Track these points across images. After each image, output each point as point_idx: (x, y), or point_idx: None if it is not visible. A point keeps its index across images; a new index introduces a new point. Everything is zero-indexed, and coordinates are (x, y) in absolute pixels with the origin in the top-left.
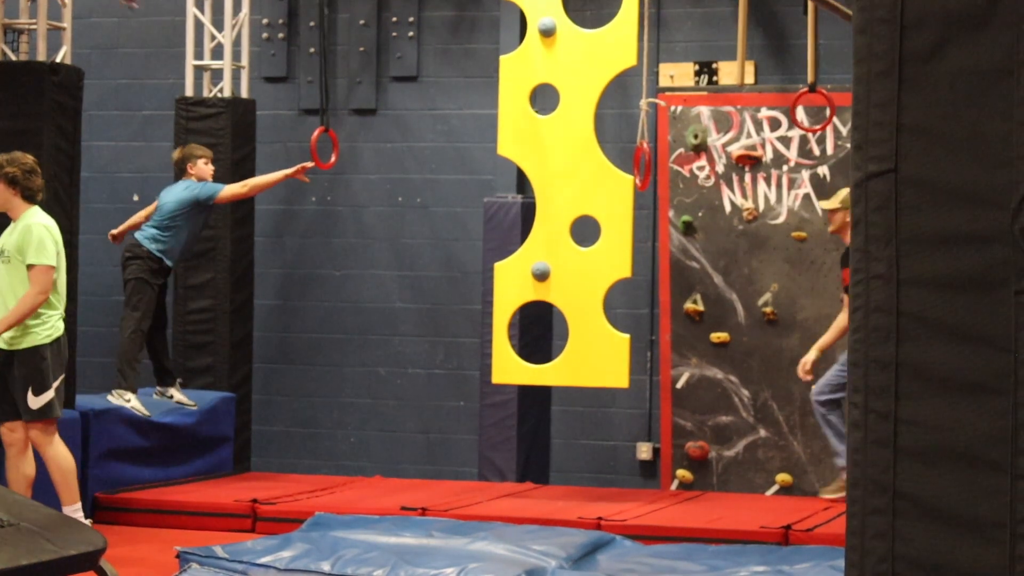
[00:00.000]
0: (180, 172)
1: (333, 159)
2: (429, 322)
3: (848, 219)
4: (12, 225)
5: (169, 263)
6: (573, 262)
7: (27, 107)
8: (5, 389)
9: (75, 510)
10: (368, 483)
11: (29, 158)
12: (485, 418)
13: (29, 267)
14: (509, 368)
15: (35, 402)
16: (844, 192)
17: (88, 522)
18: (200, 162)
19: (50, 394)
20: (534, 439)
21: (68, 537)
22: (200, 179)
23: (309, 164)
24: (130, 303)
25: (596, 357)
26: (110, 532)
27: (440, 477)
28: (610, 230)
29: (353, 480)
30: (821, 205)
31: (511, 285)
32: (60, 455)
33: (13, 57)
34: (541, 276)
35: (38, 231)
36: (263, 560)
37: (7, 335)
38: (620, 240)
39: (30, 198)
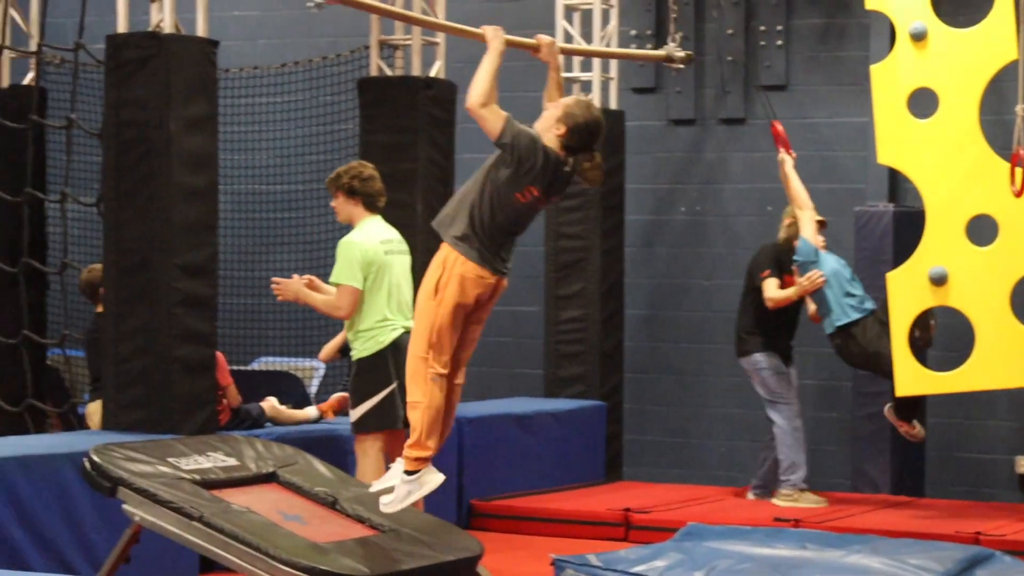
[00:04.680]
0: None
1: None
2: (800, 331)
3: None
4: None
5: None
6: (972, 263)
7: (403, 121)
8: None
9: None
10: (738, 493)
11: (368, 166)
12: (859, 429)
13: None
14: (914, 378)
15: (352, 415)
16: None
17: None
18: None
19: (363, 408)
20: (908, 451)
21: (446, 543)
22: None
23: None
24: None
25: (1007, 358)
26: (484, 538)
27: (812, 488)
28: (1008, 227)
29: (723, 490)
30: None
31: (907, 293)
32: (369, 473)
33: (389, 72)
34: (939, 280)
35: (346, 249)
36: (636, 569)
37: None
38: (1021, 236)
39: (371, 205)
